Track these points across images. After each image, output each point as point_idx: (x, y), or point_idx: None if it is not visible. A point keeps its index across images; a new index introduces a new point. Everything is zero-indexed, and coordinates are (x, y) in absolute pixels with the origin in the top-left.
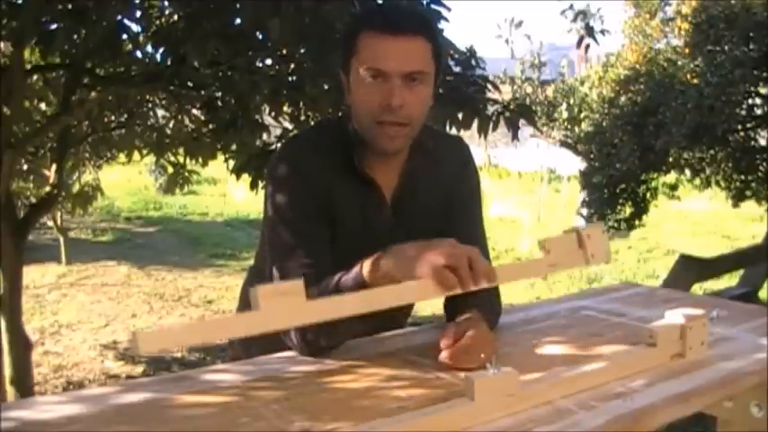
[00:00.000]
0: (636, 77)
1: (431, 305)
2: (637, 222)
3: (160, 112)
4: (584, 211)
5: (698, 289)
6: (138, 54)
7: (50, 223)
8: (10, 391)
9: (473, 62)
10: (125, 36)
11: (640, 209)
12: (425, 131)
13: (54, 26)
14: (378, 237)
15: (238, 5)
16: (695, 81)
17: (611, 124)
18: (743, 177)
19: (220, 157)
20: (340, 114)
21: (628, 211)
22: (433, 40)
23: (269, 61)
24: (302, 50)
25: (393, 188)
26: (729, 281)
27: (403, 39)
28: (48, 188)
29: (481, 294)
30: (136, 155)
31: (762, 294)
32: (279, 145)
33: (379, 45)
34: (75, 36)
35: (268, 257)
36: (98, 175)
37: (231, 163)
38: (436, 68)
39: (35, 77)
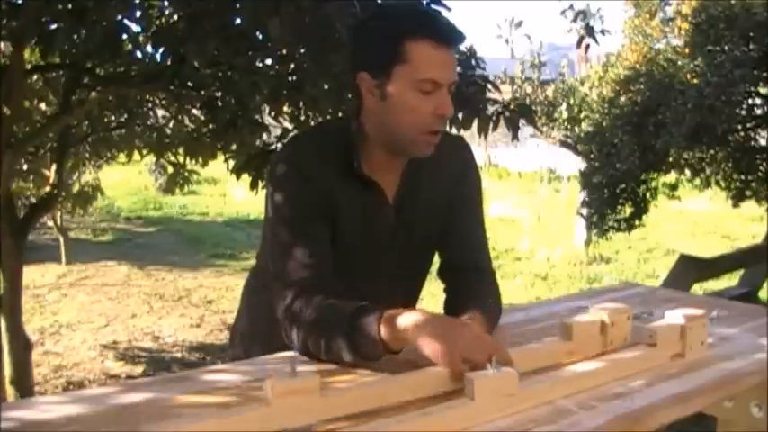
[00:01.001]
0: (636, 77)
1: (431, 306)
2: (637, 222)
3: (160, 112)
4: (584, 211)
5: (698, 289)
6: (138, 54)
7: (50, 223)
8: (10, 391)
9: (473, 62)
10: (125, 36)
11: (640, 209)
12: None
13: (54, 26)
14: (380, 237)
15: (238, 5)
16: (695, 81)
17: (611, 124)
18: (743, 177)
19: (220, 157)
20: (340, 115)
21: (628, 211)
22: None
23: (269, 61)
24: (302, 50)
25: (395, 189)
26: (729, 281)
27: (451, 50)
28: (48, 188)
29: (482, 295)
30: (136, 155)
31: (762, 294)
32: (279, 145)
33: (437, 56)
34: (75, 36)
35: (269, 258)
36: (98, 175)
37: (231, 163)
38: None
39: (35, 77)
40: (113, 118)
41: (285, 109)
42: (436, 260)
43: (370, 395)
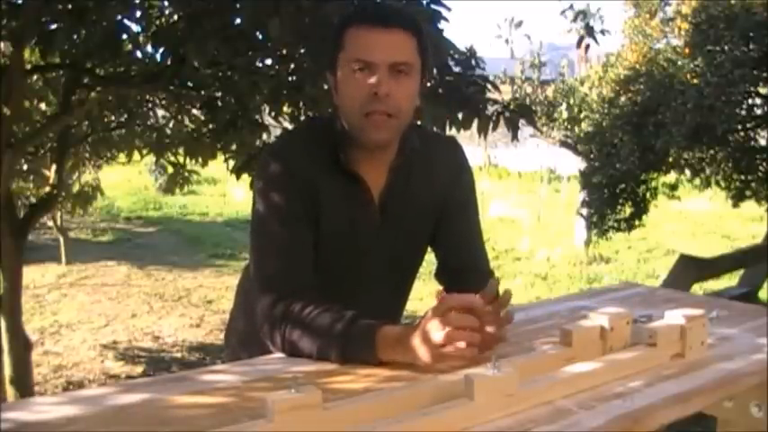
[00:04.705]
0: (636, 77)
1: (430, 305)
2: (637, 222)
3: (160, 112)
4: (584, 211)
5: (698, 289)
6: (138, 54)
7: (50, 223)
8: (10, 391)
9: (473, 62)
10: (125, 36)
11: (640, 209)
12: (416, 132)
13: (54, 26)
14: (364, 236)
15: (238, 5)
16: (695, 81)
17: (611, 124)
18: (743, 177)
19: (220, 157)
20: (329, 111)
21: (628, 211)
22: (419, 35)
23: (269, 61)
24: (302, 50)
25: (381, 187)
26: (729, 281)
27: (388, 31)
28: (48, 188)
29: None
30: (136, 155)
31: (762, 294)
32: None
33: (364, 37)
34: (75, 36)
35: (251, 254)
36: (98, 175)
37: (231, 163)
38: (422, 63)
39: (35, 77)
40: (113, 118)
41: (285, 109)
42: (434, 261)
43: (372, 408)
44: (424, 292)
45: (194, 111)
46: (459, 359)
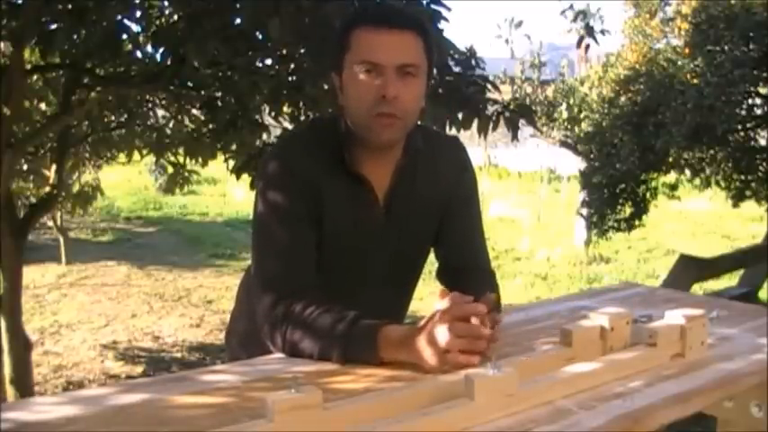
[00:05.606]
0: (636, 77)
1: (431, 306)
2: (637, 222)
3: (160, 112)
4: (584, 211)
5: (698, 289)
6: (138, 54)
7: (50, 223)
8: (10, 391)
9: (473, 62)
10: (125, 36)
11: (640, 209)
12: (421, 131)
13: (54, 26)
14: (368, 236)
15: (238, 5)
16: (695, 81)
17: (611, 124)
18: (743, 177)
19: (220, 157)
20: (330, 111)
21: (628, 211)
22: (425, 36)
23: (269, 61)
24: (302, 50)
25: (386, 187)
26: (729, 281)
27: (395, 32)
28: (48, 188)
29: (483, 293)
30: (136, 155)
31: (762, 294)
32: None
33: (372, 39)
34: (75, 36)
35: (252, 254)
36: (98, 175)
37: (231, 163)
38: (429, 64)
39: (35, 77)
40: (113, 118)
41: (285, 109)
42: (434, 261)
43: (372, 408)
44: (425, 292)
45: (194, 111)
46: (462, 366)
